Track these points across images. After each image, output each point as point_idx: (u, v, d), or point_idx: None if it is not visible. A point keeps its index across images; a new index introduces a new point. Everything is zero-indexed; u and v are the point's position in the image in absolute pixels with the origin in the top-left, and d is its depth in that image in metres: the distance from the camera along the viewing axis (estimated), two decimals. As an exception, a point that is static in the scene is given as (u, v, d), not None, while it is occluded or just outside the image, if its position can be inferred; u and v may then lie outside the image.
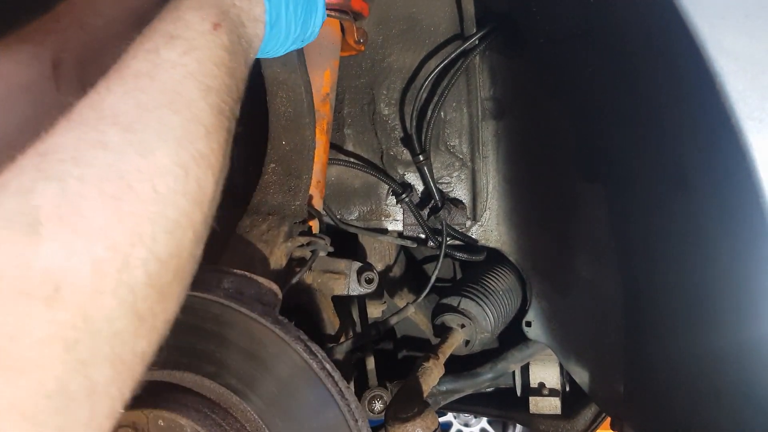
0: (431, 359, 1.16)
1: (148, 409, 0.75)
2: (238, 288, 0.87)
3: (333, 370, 0.79)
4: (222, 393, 0.79)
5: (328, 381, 0.78)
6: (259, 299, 0.86)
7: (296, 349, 0.78)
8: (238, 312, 0.78)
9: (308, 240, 1.11)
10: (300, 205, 1.12)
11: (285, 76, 1.06)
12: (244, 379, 0.78)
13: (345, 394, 0.78)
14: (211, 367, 0.79)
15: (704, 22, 0.68)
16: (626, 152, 1.10)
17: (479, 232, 1.37)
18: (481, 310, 1.29)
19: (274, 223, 1.09)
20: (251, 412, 0.78)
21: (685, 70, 0.75)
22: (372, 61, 1.35)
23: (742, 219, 0.73)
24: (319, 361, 0.79)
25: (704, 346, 0.89)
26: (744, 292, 0.75)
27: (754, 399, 0.77)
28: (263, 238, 1.07)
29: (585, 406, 1.57)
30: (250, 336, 0.79)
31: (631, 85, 1.00)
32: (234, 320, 0.79)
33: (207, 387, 0.79)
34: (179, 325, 0.78)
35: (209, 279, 0.87)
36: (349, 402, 0.78)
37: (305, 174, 1.13)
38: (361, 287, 1.22)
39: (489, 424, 3.04)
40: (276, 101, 1.12)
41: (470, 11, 1.27)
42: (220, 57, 0.58)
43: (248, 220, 1.11)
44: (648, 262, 1.09)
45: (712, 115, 0.69)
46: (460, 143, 1.34)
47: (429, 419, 0.99)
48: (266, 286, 0.88)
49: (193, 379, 0.79)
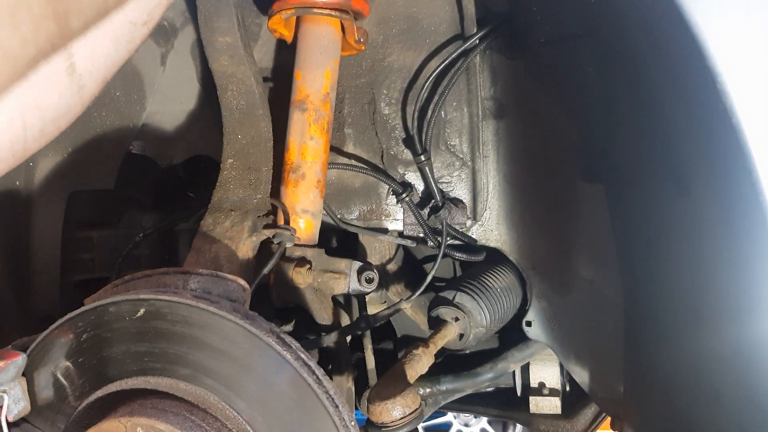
0: (420, 347, 1.17)
1: (125, 417, 0.74)
2: (205, 287, 0.87)
3: (308, 359, 0.79)
4: (199, 394, 0.78)
5: (304, 370, 0.77)
6: (227, 297, 0.86)
7: (269, 342, 0.77)
8: (206, 311, 0.78)
9: (274, 232, 1.10)
10: (262, 198, 1.12)
11: (233, 69, 1.05)
12: (221, 378, 0.78)
13: (322, 382, 0.78)
14: (186, 370, 0.78)
15: (704, 22, 0.68)
16: (626, 152, 1.10)
17: (479, 232, 1.37)
18: (476, 305, 1.29)
19: (237, 218, 1.08)
20: (230, 410, 0.78)
21: (685, 70, 0.75)
22: (372, 61, 1.35)
23: (741, 219, 0.73)
24: (293, 351, 0.78)
25: (704, 346, 0.89)
26: (743, 292, 0.75)
27: (754, 399, 0.77)
28: (227, 235, 1.07)
29: (585, 406, 1.57)
30: (222, 334, 0.78)
31: (631, 85, 1.00)
32: (204, 320, 0.78)
33: (183, 389, 0.79)
34: (148, 331, 0.79)
35: (174, 281, 0.87)
36: (327, 389, 0.77)
37: (264, 166, 1.12)
38: (361, 286, 1.22)
39: (489, 424, 3.04)
40: (227, 95, 1.12)
41: (470, 11, 1.27)
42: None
43: (210, 218, 1.10)
44: (648, 262, 1.08)
45: (712, 115, 0.69)
46: (460, 143, 1.34)
47: (409, 398, 0.99)
48: (233, 282, 0.88)
49: (169, 382, 0.79)
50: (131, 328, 0.80)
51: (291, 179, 1.19)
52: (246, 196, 1.11)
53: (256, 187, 1.11)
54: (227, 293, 0.86)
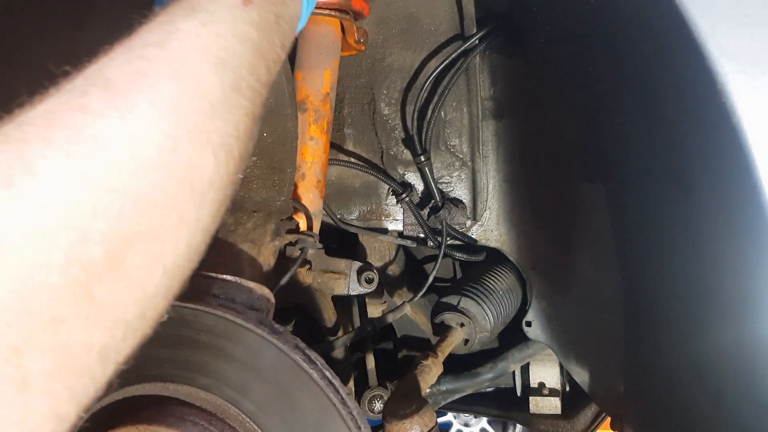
0: (430, 357, 1.16)
1: (143, 425, 0.73)
2: (229, 295, 0.85)
3: (333, 377, 0.78)
4: (219, 404, 0.77)
5: (329, 389, 0.76)
6: (251, 306, 0.84)
7: (295, 359, 0.76)
8: (233, 323, 0.77)
9: (296, 238, 1.08)
10: (285, 200, 1.08)
11: None
12: (242, 390, 0.77)
13: (347, 402, 0.77)
14: (207, 379, 0.77)
15: (705, 22, 0.68)
16: (627, 152, 1.10)
17: (479, 232, 1.37)
18: (481, 310, 1.29)
19: (260, 221, 1.05)
20: (250, 423, 0.76)
21: (686, 70, 0.75)
22: (372, 61, 1.35)
23: (742, 218, 0.73)
24: (319, 369, 0.77)
25: (704, 345, 0.89)
26: (744, 292, 0.75)
27: (755, 399, 0.77)
28: (249, 237, 1.03)
29: (585, 406, 1.57)
30: (246, 346, 0.77)
31: (631, 85, 1.00)
32: (229, 331, 0.77)
33: (203, 399, 0.77)
34: (171, 337, 0.78)
35: (197, 285, 0.85)
36: (351, 410, 0.76)
37: (289, 167, 1.08)
38: (361, 287, 1.22)
39: (489, 424, 3.04)
40: None
41: (470, 11, 1.27)
42: (245, 33, 0.52)
43: (232, 217, 1.06)
44: (648, 262, 1.09)
45: (712, 114, 0.69)
46: (460, 143, 1.34)
47: (426, 416, 0.99)
48: (258, 291, 0.86)
49: (189, 391, 0.77)
50: (154, 332, 0.79)
51: (291, 179, 1.19)
52: (269, 197, 1.07)
53: (279, 189, 1.08)
54: (251, 301, 0.84)
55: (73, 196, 0.37)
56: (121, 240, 0.39)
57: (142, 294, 0.43)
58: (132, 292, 0.42)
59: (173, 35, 0.47)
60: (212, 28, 0.49)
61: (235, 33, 0.51)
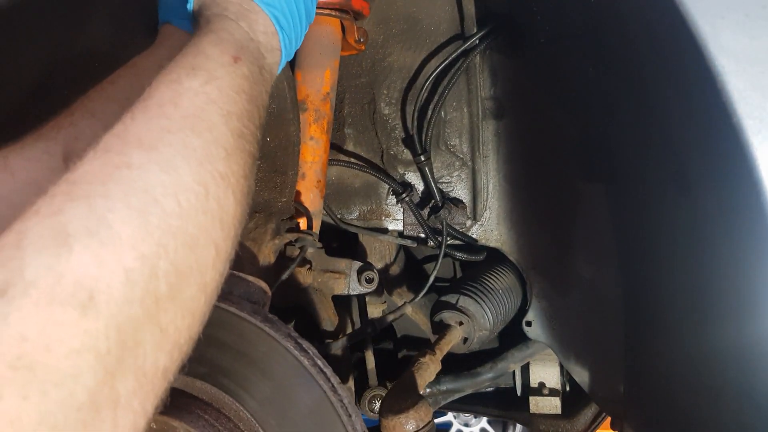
0: (428, 354, 1.16)
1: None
2: (227, 287, 0.86)
3: (325, 366, 0.79)
4: (214, 393, 0.78)
5: (320, 377, 0.78)
6: (248, 298, 0.86)
7: (287, 346, 0.78)
8: (227, 311, 0.78)
9: (296, 237, 1.11)
10: (287, 201, 1.11)
11: None
12: (236, 379, 0.78)
13: (338, 390, 0.78)
14: (202, 368, 0.78)
15: (705, 22, 0.68)
16: (627, 152, 1.10)
17: (479, 232, 1.37)
18: (480, 308, 1.29)
19: (261, 220, 1.09)
20: (244, 411, 0.78)
21: (686, 70, 0.75)
22: (372, 61, 1.35)
23: (742, 218, 0.73)
24: (311, 357, 0.79)
25: (704, 345, 0.89)
26: (744, 292, 0.75)
27: (755, 398, 0.77)
28: (250, 236, 1.07)
29: (585, 406, 1.57)
30: (241, 335, 0.78)
31: (631, 85, 1.00)
32: (223, 320, 0.78)
33: (198, 388, 0.79)
34: None
35: None
36: (342, 398, 0.78)
37: (291, 170, 1.12)
38: (361, 287, 1.22)
39: (489, 424, 3.04)
40: None
41: (470, 11, 1.27)
42: (240, 85, 0.60)
43: None
44: (648, 261, 1.09)
45: (713, 114, 0.69)
46: (460, 143, 1.34)
47: (422, 411, 0.99)
48: (255, 284, 0.88)
49: (184, 380, 0.79)
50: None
51: (291, 179, 1.19)
52: (271, 199, 1.12)
53: (281, 191, 1.12)
54: (248, 294, 0.86)
55: (143, 241, 0.45)
56: (178, 275, 0.47)
57: (192, 320, 0.50)
58: (185, 319, 0.49)
59: (184, 94, 0.55)
60: (215, 84, 0.57)
61: (232, 87, 0.59)
